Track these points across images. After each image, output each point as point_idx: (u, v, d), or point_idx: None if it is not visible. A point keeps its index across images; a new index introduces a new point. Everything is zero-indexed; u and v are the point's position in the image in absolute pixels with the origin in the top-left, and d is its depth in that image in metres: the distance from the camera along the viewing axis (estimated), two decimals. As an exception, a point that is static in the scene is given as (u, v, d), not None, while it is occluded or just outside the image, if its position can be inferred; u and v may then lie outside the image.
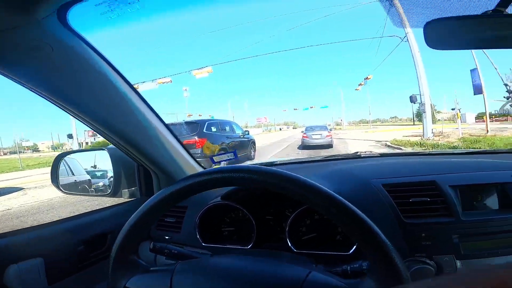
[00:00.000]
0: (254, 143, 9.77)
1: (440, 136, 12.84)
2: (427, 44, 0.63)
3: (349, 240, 0.79)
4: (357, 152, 1.40)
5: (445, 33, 0.65)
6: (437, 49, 0.65)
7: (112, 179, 1.17)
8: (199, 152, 6.95)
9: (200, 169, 1.22)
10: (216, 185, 0.56)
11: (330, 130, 14.61)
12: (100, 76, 0.77)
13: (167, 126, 1.05)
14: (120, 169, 1.16)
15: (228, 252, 0.86)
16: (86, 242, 0.97)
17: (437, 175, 0.87)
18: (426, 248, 0.78)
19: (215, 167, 1.27)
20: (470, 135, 12.60)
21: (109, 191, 1.18)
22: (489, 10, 0.63)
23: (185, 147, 1.15)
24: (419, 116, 61.24)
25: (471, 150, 1.45)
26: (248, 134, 9.73)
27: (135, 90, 0.90)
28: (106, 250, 1.00)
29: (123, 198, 1.21)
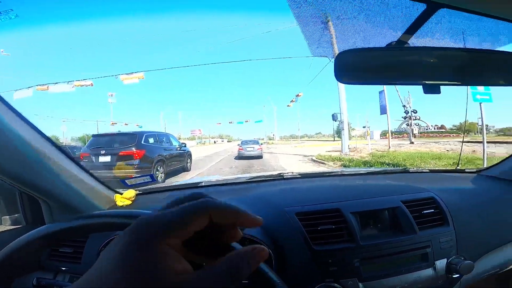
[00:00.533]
0: (190, 155, 10.24)
1: (355, 151, 14.45)
2: (336, 77, 0.64)
3: None
4: (281, 173, 1.45)
5: (353, 66, 0.68)
6: (345, 82, 0.67)
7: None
8: (137, 163, 6.69)
9: (108, 192, 1.08)
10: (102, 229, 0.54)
11: (261, 144, 16.65)
12: None
13: (60, 148, 0.88)
14: None
15: None
16: None
17: (342, 202, 0.95)
18: (333, 273, 0.83)
19: (127, 192, 1.13)
20: (377, 150, 14.46)
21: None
22: (393, 42, 0.69)
23: (87, 170, 1.00)
24: (338, 132, 69.95)
25: (373, 170, 1.64)
26: (185, 146, 9.92)
27: (16, 112, 0.74)
28: None
29: (4, 225, 1.02)
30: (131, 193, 1.12)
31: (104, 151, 6.85)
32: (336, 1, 0.64)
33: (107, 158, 6.79)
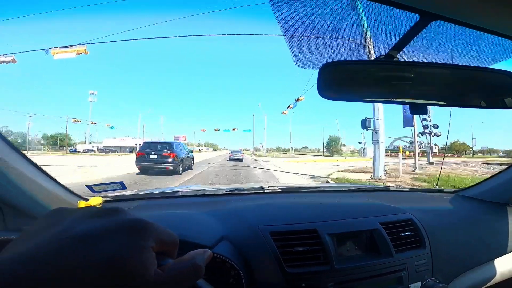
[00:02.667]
0: (193, 158, 14.96)
1: (386, 175, 10.59)
2: (319, 92, 0.59)
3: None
4: (262, 186, 1.40)
5: (338, 80, 0.63)
6: (329, 98, 0.61)
7: None
8: (171, 160, 11.27)
9: (70, 197, 0.98)
10: None
11: (243, 153, 30.01)
12: None
13: (14, 148, 0.79)
14: None
15: None
16: None
17: (319, 222, 0.92)
18: None
19: (92, 198, 1.04)
20: (412, 172, 11.69)
21: None
22: (382, 55, 0.65)
23: (46, 172, 0.90)
24: (328, 147, 68.45)
25: (354, 187, 1.65)
26: (191, 152, 15.04)
27: None
28: None
29: None
30: (97, 200, 1.04)
31: (153, 152, 11.49)
32: (324, 8, 0.59)
33: (155, 156, 11.36)
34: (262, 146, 63.53)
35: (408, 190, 1.53)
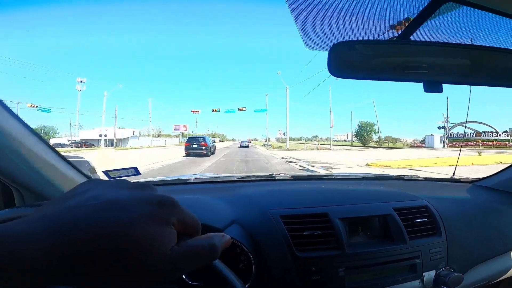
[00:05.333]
0: (215, 147, 22.59)
1: None
2: (329, 71, 0.59)
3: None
4: (272, 173, 1.41)
5: (349, 59, 0.63)
6: (339, 76, 0.61)
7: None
8: (205, 148, 18.11)
9: (83, 179, 1.01)
10: None
11: (249, 142, 38.57)
12: None
13: (33, 131, 0.81)
14: None
15: None
16: None
17: (330, 206, 0.91)
18: (316, 282, 0.79)
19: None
20: None
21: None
22: (394, 37, 0.65)
23: (65, 158, 0.93)
24: (359, 136, 52.67)
25: (366, 175, 1.61)
26: (214, 142, 23.60)
27: None
28: None
29: None
30: (112, 185, 1.06)
31: (195, 143, 18.60)
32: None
33: (196, 145, 18.29)
34: (284, 134, 43.66)
35: (423, 179, 1.49)
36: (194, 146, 18.22)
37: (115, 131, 42.78)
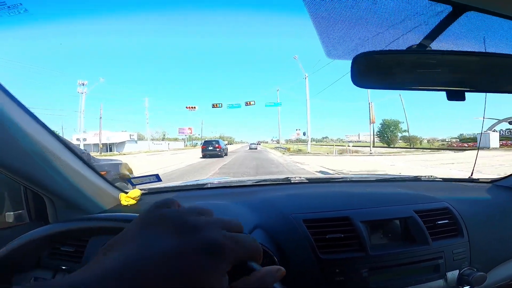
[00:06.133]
0: (227, 148, 24.83)
1: None
2: (352, 81, 0.61)
3: None
4: (288, 177, 1.43)
5: (371, 69, 0.65)
6: (362, 86, 0.63)
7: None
8: (218, 150, 20.28)
9: (112, 191, 1.06)
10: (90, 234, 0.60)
11: (257, 144, 38.85)
12: None
13: (65, 144, 0.87)
14: (2, 189, 0.94)
15: None
16: None
17: (351, 210, 0.94)
18: (340, 283, 0.81)
19: (132, 191, 1.11)
20: None
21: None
22: (414, 45, 0.65)
23: (93, 168, 0.98)
24: (382, 136, 44.16)
25: (383, 177, 1.59)
26: (227, 145, 27.07)
27: (20, 104, 0.71)
28: None
29: (8, 221, 0.99)
30: (136, 192, 1.11)
31: (210, 145, 20.81)
32: (354, 1, 0.61)
33: (211, 148, 20.46)
34: (304, 134, 32.71)
35: (441, 180, 1.48)
36: (209, 148, 20.53)
37: (100, 134, 37.15)
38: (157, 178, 1.18)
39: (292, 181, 1.37)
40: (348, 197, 1.10)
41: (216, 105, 32.37)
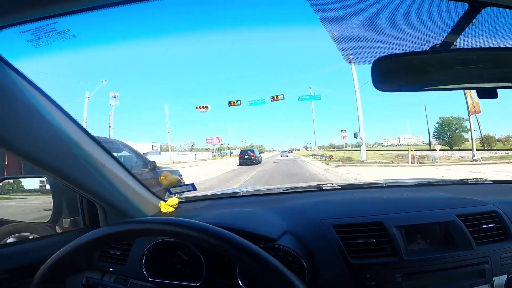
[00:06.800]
0: (261, 157, 26.69)
1: None
2: (374, 85, 0.62)
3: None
4: (319, 184, 1.42)
5: (394, 72, 0.65)
6: (385, 90, 0.64)
7: (52, 206, 1.06)
8: (253, 159, 22.62)
9: (153, 199, 1.16)
10: (148, 234, 0.60)
11: (288, 152, 45.36)
12: (27, 104, 0.68)
13: (113, 156, 0.97)
14: (61, 197, 1.07)
15: None
16: (11, 271, 0.91)
17: (384, 215, 0.92)
18: None
19: (171, 199, 1.20)
20: None
21: (49, 219, 1.07)
22: (437, 44, 0.65)
23: (136, 177, 1.08)
24: (440, 136, 35.29)
25: (423, 181, 1.51)
26: (260, 153, 28.78)
27: (74, 121, 0.82)
28: None
29: (65, 227, 1.14)
30: (174, 200, 1.19)
31: (246, 154, 23.32)
32: (370, 5, 0.62)
33: (247, 156, 22.98)
34: (355, 136, 22.10)
35: (491, 182, 1.38)
36: (246, 157, 23.01)
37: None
38: (193, 187, 1.26)
39: (323, 188, 1.36)
40: (382, 203, 1.08)
41: (234, 102, 26.13)
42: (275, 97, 25.87)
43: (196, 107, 28.59)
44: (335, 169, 13.85)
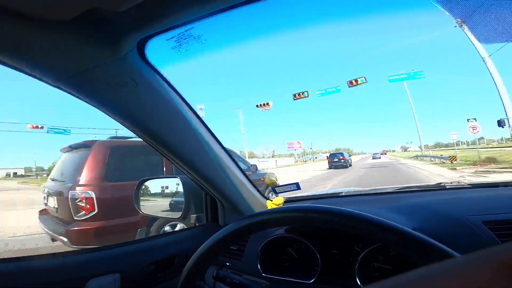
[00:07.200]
0: (351, 159, 24.86)
1: None
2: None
3: None
4: (440, 183, 1.24)
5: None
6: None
7: (183, 204, 1.25)
8: (344, 162, 21.39)
9: (261, 198, 1.24)
10: (288, 223, 0.67)
11: (381, 154, 36.70)
12: (174, 110, 0.84)
13: (233, 159, 1.10)
14: (190, 196, 1.24)
15: (287, 285, 0.87)
16: (157, 263, 1.01)
17: None
18: None
19: (276, 198, 1.27)
20: None
21: (180, 215, 1.26)
22: None
23: (249, 178, 1.19)
24: None
25: None
26: (350, 156, 27.63)
27: (204, 124, 0.98)
28: (173, 272, 1.03)
29: (191, 222, 1.30)
30: (279, 200, 1.24)
31: (336, 158, 22.21)
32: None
33: (336, 160, 21.87)
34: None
35: None
36: (335, 160, 22.57)
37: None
38: (297, 186, 1.28)
39: (447, 187, 1.19)
40: None
41: (300, 94, 19.61)
42: (353, 81, 17.64)
43: (257, 106, 23.60)
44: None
